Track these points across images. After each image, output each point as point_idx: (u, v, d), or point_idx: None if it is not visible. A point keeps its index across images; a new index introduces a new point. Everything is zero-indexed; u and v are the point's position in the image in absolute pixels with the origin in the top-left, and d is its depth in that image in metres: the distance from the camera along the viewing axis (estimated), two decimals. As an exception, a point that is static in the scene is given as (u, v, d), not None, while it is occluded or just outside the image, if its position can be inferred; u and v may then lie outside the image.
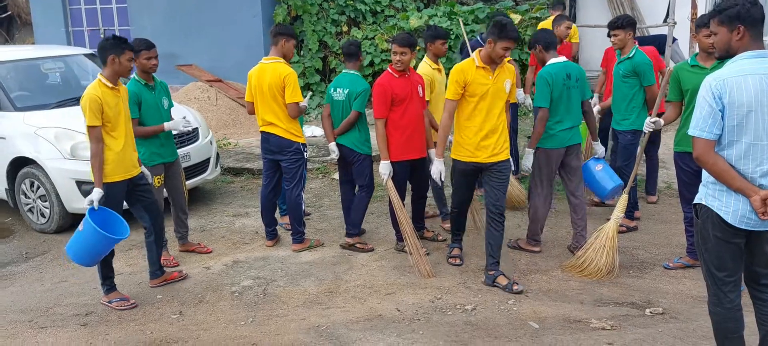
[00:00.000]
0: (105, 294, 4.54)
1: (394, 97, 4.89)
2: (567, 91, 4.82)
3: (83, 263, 4.27)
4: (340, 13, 11.64)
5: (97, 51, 4.34)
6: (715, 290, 2.98)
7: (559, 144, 4.89)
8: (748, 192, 2.75)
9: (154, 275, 4.80)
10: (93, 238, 4.09)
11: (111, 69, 4.27)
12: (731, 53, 2.84)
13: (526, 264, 5.00)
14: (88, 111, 4.13)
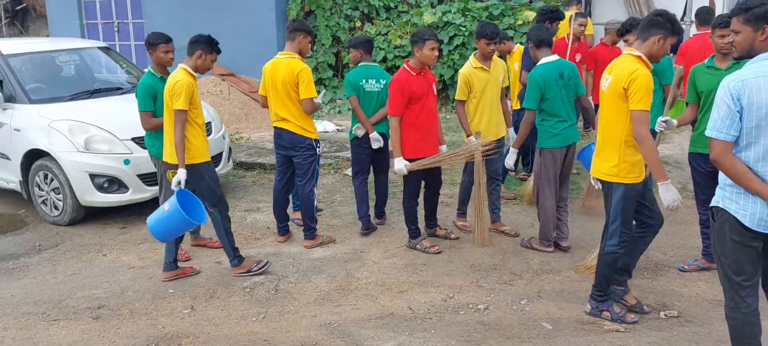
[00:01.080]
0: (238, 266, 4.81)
1: (411, 95, 4.88)
2: (561, 90, 4.85)
3: (161, 239, 4.55)
4: (353, 8, 11.61)
5: (189, 43, 4.61)
6: (732, 294, 2.94)
7: (563, 142, 4.93)
8: (766, 195, 2.70)
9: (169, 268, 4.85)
10: (178, 219, 4.31)
11: (195, 63, 4.59)
12: (752, 53, 2.79)
13: (539, 264, 4.96)
14: (183, 95, 4.39)
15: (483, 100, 5.28)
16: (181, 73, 4.52)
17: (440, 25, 10.88)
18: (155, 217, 4.39)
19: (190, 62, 4.59)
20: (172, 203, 4.31)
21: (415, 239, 5.28)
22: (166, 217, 4.33)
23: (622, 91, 3.66)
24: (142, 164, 5.82)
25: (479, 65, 5.27)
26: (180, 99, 4.40)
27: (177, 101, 4.41)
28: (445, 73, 10.75)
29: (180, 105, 4.40)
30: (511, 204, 6.36)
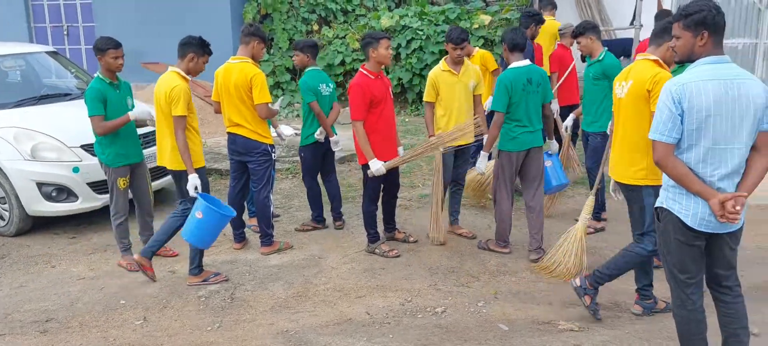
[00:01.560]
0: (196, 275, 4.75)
1: (373, 99, 4.87)
2: (527, 95, 4.89)
3: (206, 245, 4.59)
4: (310, 11, 11.57)
5: (180, 45, 4.56)
6: (678, 292, 3.02)
7: (520, 147, 4.96)
8: (706, 195, 2.78)
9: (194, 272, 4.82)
10: (214, 219, 4.37)
11: (188, 66, 4.55)
12: (692, 58, 2.87)
13: (496, 266, 5.01)
14: (182, 101, 4.36)
15: (451, 105, 5.29)
16: (174, 77, 4.46)
17: (398, 28, 10.92)
18: (191, 227, 4.40)
19: (182, 65, 4.54)
20: (201, 207, 4.34)
21: (373, 243, 5.27)
22: (204, 222, 4.36)
23: (645, 94, 3.70)
24: (92, 172, 5.66)
25: (448, 69, 5.30)
26: (179, 105, 4.36)
27: (176, 107, 4.37)
28: (404, 76, 10.79)
29: (179, 111, 4.37)
30: (468, 207, 6.41)
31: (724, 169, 2.80)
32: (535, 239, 5.09)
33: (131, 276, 4.96)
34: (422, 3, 12.14)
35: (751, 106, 2.76)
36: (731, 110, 2.75)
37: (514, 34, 5.00)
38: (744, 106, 2.75)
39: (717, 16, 2.77)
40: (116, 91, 4.90)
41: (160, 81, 4.55)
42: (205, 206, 4.34)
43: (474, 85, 5.36)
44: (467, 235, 5.60)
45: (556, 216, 6.11)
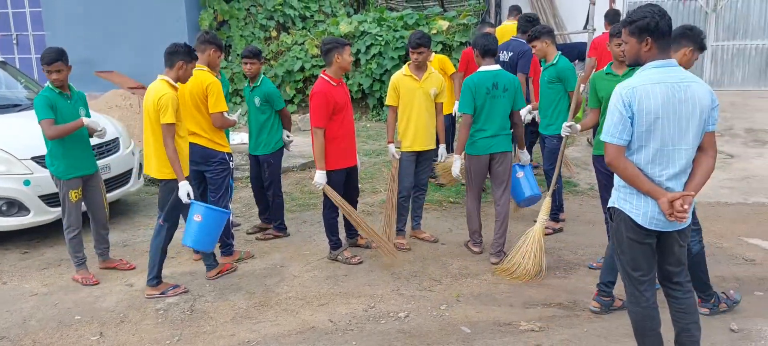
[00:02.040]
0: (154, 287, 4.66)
1: (335, 106, 4.85)
2: (491, 100, 4.93)
3: (209, 247, 4.67)
4: (268, 18, 11.50)
5: (167, 54, 4.50)
6: (632, 289, 3.10)
7: (481, 151, 5.02)
8: (656, 195, 2.87)
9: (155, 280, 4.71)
10: (214, 218, 4.46)
11: (177, 74, 4.50)
12: (640, 62, 2.96)
13: (458, 269, 5.05)
14: (171, 109, 4.32)
15: (411, 110, 5.31)
16: (163, 85, 4.42)
17: (357, 34, 10.94)
18: (193, 232, 4.47)
19: (171, 74, 4.49)
20: (200, 210, 4.43)
21: (336, 250, 5.25)
22: (205, 224, 4.44)
23: None
24: (44, 185, 5.49)
25: (409, 74, 5.33)
26: (168, 112, 4.32)
27: (165, 115, 4.32)
28: (364, 82, 10.81)
29: (168, 119, 4.33)
30: (430, 210, 6.45)
31: (672, 170, 2.89)
32: (497, 243, 5.15)
33: (86, 290, 4.83)
34: (380, 9, 12.20)
35: (697, 109, 2.85)
36: (678, 112, 2.84)
37: (486, 39, 5.04)
38: (690, 108, 2.84)
39: (660, 22, 2.85)
40: (67, 101, 4.77)
41: (149, 90, 4.49)
42: (204, 208, 4.42)
43: (435, 92, 5.38)
44: (429, 239, 5.64)
45: (515, 218, 6.19)
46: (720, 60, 10.75)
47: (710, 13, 10.58)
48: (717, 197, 6.57)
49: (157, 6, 10.90)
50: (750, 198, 6.54)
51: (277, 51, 11.34)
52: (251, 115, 5.62)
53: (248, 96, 5.61)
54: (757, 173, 7.21)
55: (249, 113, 5.65)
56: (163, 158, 4.46)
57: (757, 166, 7.45)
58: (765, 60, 10.53)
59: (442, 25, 10.71)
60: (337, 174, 4.97)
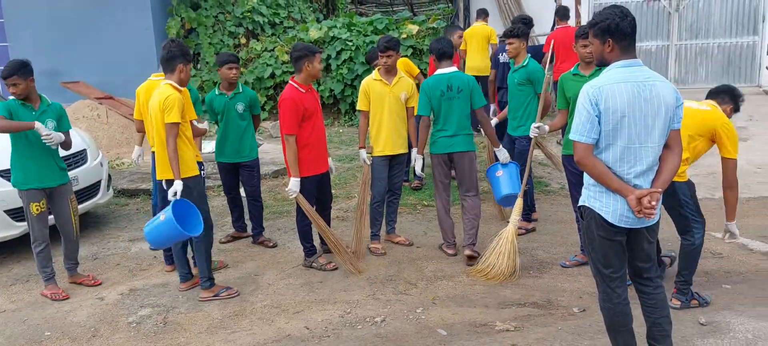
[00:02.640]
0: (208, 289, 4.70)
1: (305, 112, 4.84)
2: (447, 101, 5.06)
3: (157, 246, 4.64)
4: (237, 25, 11.42)
5: (166, 61, 4.50)
6: (603, 286, 3.15)
7: (441, 150, 5.17)
8: (624, 192, 2.92)
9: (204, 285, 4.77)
10: (168, 228, 4.36)
11: (179, 77, 4.51)
12: (605, 63, 3.02)
13: (433, 272, 5.07)
14: (176, 109, 4.35)
15: (382, 114, 5.33)
16: (168, 88, 4.43)
17: (327, 40, 10.93)
18: (151, 225, 4.45)
19: (173, 78, 4.51)
20: (167, 213, 4.35)
21: (310, 257, 5.23)
22: (158, 226, 4.39)
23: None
24: (9, 199, 5.36)
25: (379, 78, 5.34)
26: (173, 112, 4.35)
27: (170, 114, 4.35)
28: (335, 87, 10.80)
29: (173, 118, 4.35)
30: (404, 213, 6.46)
31: (639, 167, 2.94)
32: (468, 235, 5.22)
33: (56, 306, 4.73)
34: (350, 14, 12.21)
35: (662, 107, 2.91)
36: (644, 111, 2.90)
37: (440, 43, 5.21)
38: (656, 106, 2.90)
39: (621, 24, 2.91)
40: (30, 113, 4.67)
41: (155, 94, 4.49)
42: (169, 217, 4.38)
43: (406, 96, 5.40)
44: (404, 242, 5.65)
45: (487, 219, 6.24)
46: (684, 59, 11.00)
47: (673, 13, 10.81)
48: (684, 193, 6.71)
49: (123, 15, 10.75)
50: (717, 193, 6.69)
51: (247, 58, 11.27)
52: (231, 123, 5.52)
53: (227, 103, 5.48)
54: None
55: (226, 121, 5.52)
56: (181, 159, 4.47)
57: (722, 162, 7.62)
58: (727, 58, 10.80)
59: (411, 29, 10.76)
60: (309, 181, 4.95)
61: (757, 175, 7.16)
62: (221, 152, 5.62)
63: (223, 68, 5.49)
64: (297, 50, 4.93)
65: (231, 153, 5.59)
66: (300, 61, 4.87)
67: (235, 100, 5.50)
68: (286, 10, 12.27)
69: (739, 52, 10.65)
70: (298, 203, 4.94)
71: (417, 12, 14.68)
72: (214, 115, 5.61)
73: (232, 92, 5.52)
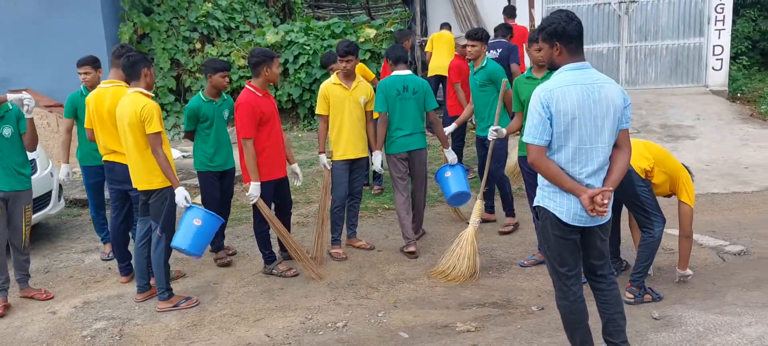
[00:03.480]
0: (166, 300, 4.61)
1: (262, 116, 4.82)
2: (402, 101, 5.26)
3: (202, 251, 4.62)
4: (191, 29, 11.24)
5: (128, 67, 4.41)
6: (560, 284, 3.21)
7: (399, 149, 5.38)
8: (577, 192, 2.99)
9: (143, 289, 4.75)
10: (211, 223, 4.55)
11: (146, 82, 4.43)
12: (555, 66, 3.10)
13: (394, 275, 5.08)
14: (156, 118, 4.29)
15: (342, 118, 5.32)
16: (139, 97, 4.35)
17: (284, 44, 10.85)
18: (189, 234, 4.46)
19: (141, 84, 4.42)
20: (199, 215, 4.48)
21: (270, 264, 5.18)
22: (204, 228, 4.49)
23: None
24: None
25: (338, 82, 5.33)
26: (153, 121, 4.29)
27: (151, 125, 4.28)
28: (294, 92, 10.73)
29: (155, 127, 4.29)
30: (365, 217, 6.46)
31: (590, 167, 3.02)
32: (410, 227, 5.45)
33: (6, 321, 4.56)
34: (307, 18, 12.16)
35: (611, 108, 2.99)
36: (593, 112, 2.97)
37: (394, 49, 5.57)
38: (604, 107, 2.98)
39: (567, 27, 2.99)
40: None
41: (124, 104, 4.38)
42: (204, 213, 4.49)
43: (365, 100, 5.42)
44: (365, 247, 5.64)
45: (447, 221, 6.30)
46: (634, 60, 11.29)
47: (622, 16, 11.10)
48: (636, 191, 6.89)
49: (73, 21, 10.44)
50: (666, 190, 6.89)
51: (202, 63, 11.11)
52: (221, 130, 5.31)
53: (216, 110, 5.28)
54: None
55: (217, 128, 5.29)
56: (151, 169, 4.39)
57: (672, 160, 7.87)
58: (675, 59, 11.14)
59: (369, 33, 10.78)
60: (266, 186, 4.92)
61: (705, 172, 7.41)
62: (212, 161, 5.28)
63: (217, 76, 5.22)
64: (255, 56, 4.90)
65: (222, 161, 5.34)
66: (258, 66, 4.85)
67: (222, 106, 5.33)
68: (242, 15, 12.14)
69: (687, 54, 10.99)
70: (259, 207, 4.89)
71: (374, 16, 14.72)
72: (194, 123, 5.26)
73: (219, 99, 5.37)
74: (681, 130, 9.03)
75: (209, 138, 5.25)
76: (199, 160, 5.31)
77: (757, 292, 4.33)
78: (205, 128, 5.25)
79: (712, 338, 3.68)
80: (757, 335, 3.66)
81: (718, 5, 10.61)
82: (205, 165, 5.27)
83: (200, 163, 5.30)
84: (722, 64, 10.80)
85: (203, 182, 5.35)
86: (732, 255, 5.14)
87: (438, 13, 11.89)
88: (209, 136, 5.25)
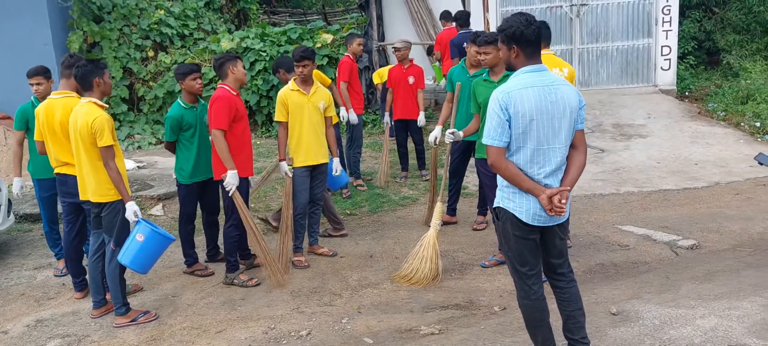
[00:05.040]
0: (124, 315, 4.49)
1: (237, 113, 4.86)
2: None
3: (146, 270, 4.50)
4: (144, 37, 11.01)
5: (80, 77, 4.28)
6: (521, 284, 3.25)
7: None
8: (536, 192, 3.04)
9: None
10: (156, 242, 4.40)
11: (100, 91, 4.32)
12: (513, 68, 3.15)
13: (358, 280, 5.07)
14: (107, 130, 4.18)
15: (301, 125, 5.29)
16: (92, 108, 4.23)
17: (239, 50, 10.72)
18: (131, 251, 4.33)
19: (95, 93, 4.30)
20: (143, 231, 4.31)
21: (232, 273, 5.10)
22: (146, 245, 4.34)
23: None
24: None
25: (296, 88, 5.30)
26: (105, 135, 4.17)
27: (102, 138, 4.17)
28: (251, 99, 10.61)
29: (107, 141, 4.18)
30: (326, 224, 6.41)
31: (548, 168, 3.07)
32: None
33: (-48, 345, 4.38)
34: (263, 24, 12.05)
35: (567, 109, 3.06)
36: (551, 114, 3.03)
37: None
38: (561, 109, 3.04)
39: (525, 31, 3.04)
40: None
41: (75, 113, 4.26)
42: (149, 229, 4.33)
43: (324, 105, 5.40)
44: (327, 253, 5.61)
45: (409, 225, 6.32)
46: (586, 61, 11.55)
47: (574, 19, 11.35)
48: (592, 190, 7.05)
49: (19, 31, 10.10)
50: (621, 188, 7.07)
51: (155, 72, 10.89)
52: (204, 137, 5.13)
53: (197, 116, 5.11)
54: (625, 165, 7.82)
55: (201, 135, 5.12)
56: (102, 181, 4.28)
57: (625, 159, 8.08)
58: (625, 59, 11.44)
59: (326, 38, 10.74)
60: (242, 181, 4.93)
61: (657, 169, 7.63)
62: (196, 171, 5.12)
63: (188, 80, 5.05)
64: (218, 59, 4.98)
65: (206, 169, 5.14)
66: (223, 66, 4.90)
67: (202, 112, 5.16)
68: (196, 22, 11.95)
69: (636, 54, 11.30)
70: (235, 201, 4.85)
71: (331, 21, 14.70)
72: (177, 132, 5.07)
73: (198, 105, 5.21)
74: (633, 129, 9.28)
75: (193, 146, 5.09)
76: (181, 171, 5.14)
77: (709, 284, 4.47)
78: (188, 137, 5.09)
79: (668, 331, 3.78)
80: (710, 327, 3.77)
81: (665, 7, 10.95)
82: (190, 177, 5.12)
83: (183, 176, 5.14)
84: (670, 64, 11.13)
85: (184, 195, 5.21)
86: (684, 249, 5.30)
87: (394, 19, 11.95)
88: (193, 144, 5.09)
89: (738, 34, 12.12)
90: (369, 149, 8.87)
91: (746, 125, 9.17)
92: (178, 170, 5.19)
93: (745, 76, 10.85)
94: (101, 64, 4.38)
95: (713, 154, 8.04)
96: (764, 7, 11.71)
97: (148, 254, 4.41)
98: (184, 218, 5.28)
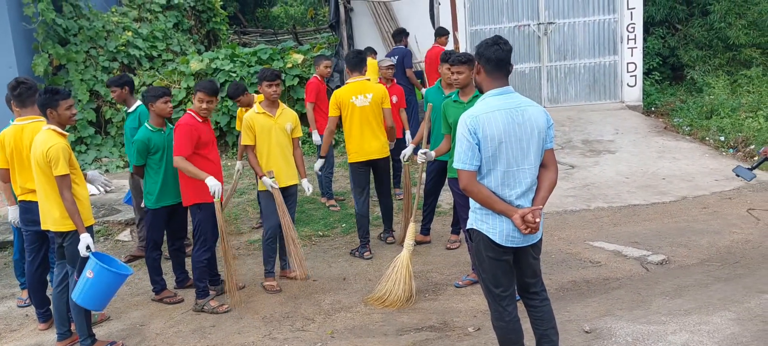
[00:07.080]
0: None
1: (199, 139, 4.84)
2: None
3: (98, 307, 4.37)
4: (111, 59, 10.85)
5: (39, 106, 4.21)
6: (495, 305, 3.24)
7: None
8: (509, 213, 3.05)
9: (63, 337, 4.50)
10: (107, 278, 4.20)
11: (60, 118, 4.22)
12: (481, 90, 3.17)
13: (331, 304, 5.01)
14: (62, 160, 4.07)
15: (269, 147, 5.22)
16: (50, 136, 4.14)
17: (209, 72, 10.63)
18: (82, 288, 4.16)
19: (53, 120, 4.19)
20: (92, 267, 4.13)
21: (202, 300, 5.00)
22: (96, 282, 4.16)
23: None
24: None
25: (262, 111, 5.24)
26: (59, 164, 4.08)
27: (57, 167, 4.08)
28: (221, 120, 10.51)
29: (61, 170, 4.08)
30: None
31: (520, 189, 3.08)
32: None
33: None
34: (232, 45, 11.99)
35: (535, 130, 3.08)
36: (519, 135, 3.05)
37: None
38: (529, 130, 3.06)
39: (486, 51, 3.09)
40: None
41: (36, 141, 4.16)
42: (97, 265, 4.14)
43: (291, 127, 5.36)
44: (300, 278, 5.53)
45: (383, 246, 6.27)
46: (554, 79, 11.71)
47: (542, 37, 11.52)
48: (563, 206, 7.10)
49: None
50: (592, 204, 7.14)
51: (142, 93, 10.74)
52: (171, 162, 4.97)
53: (165, 139, 5.02)
54: (595, 181, 7.91)
55: (168, 159, 5.00)
56: (63, 209, 4.16)
57: (595, 175, 8.17)
58: (593, 76, 11.63)
59: (296, 58, 10.71)
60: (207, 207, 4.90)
61: (625, 184, 7.73)
62: (164, 195, 5.03)
63: (159, 103, 4.98)
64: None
65: (174, 193, 5.05)
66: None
67: (171, 135, 5.04)
68: (165, 43, 11.83)
69: (603, 71, 11.50)
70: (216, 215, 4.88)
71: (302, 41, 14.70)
72: (145, 156, 5.00)
73: (166, 128, 5.12)
74: (602, 144, 9.41)
75: (161, 169, 4.99)
76: (149, 195, 5.05)
77: (680, 299, 4.51)
78: (156, 160, 4.99)
79: (640, 347, 3.80)
80: (681, 343, 3.80)
81: (630, 25, 11.18)
82: (157, 201, 5.03)
83: (150, 200, 5.04)
84: (636, 80, 11.35)
85: (152, 220, 5.12)
86: (654, 265, 5.36)
87: (365, 38, 11.97)
88: (161, 168, 4.99)
89: (701, 50, 12.42)
90: (342, 168, 8.82)
91: (711, 139, 9.37)
92: (145, 195, 5.08)
93: (708, 92, 11.11)
94: (61, 93, 4.23)
95: (680, 169, 8.18)
96: (725, 23, 12.03)
97: (100, 292, 4.22)
98: (151, 244, 5.17)
